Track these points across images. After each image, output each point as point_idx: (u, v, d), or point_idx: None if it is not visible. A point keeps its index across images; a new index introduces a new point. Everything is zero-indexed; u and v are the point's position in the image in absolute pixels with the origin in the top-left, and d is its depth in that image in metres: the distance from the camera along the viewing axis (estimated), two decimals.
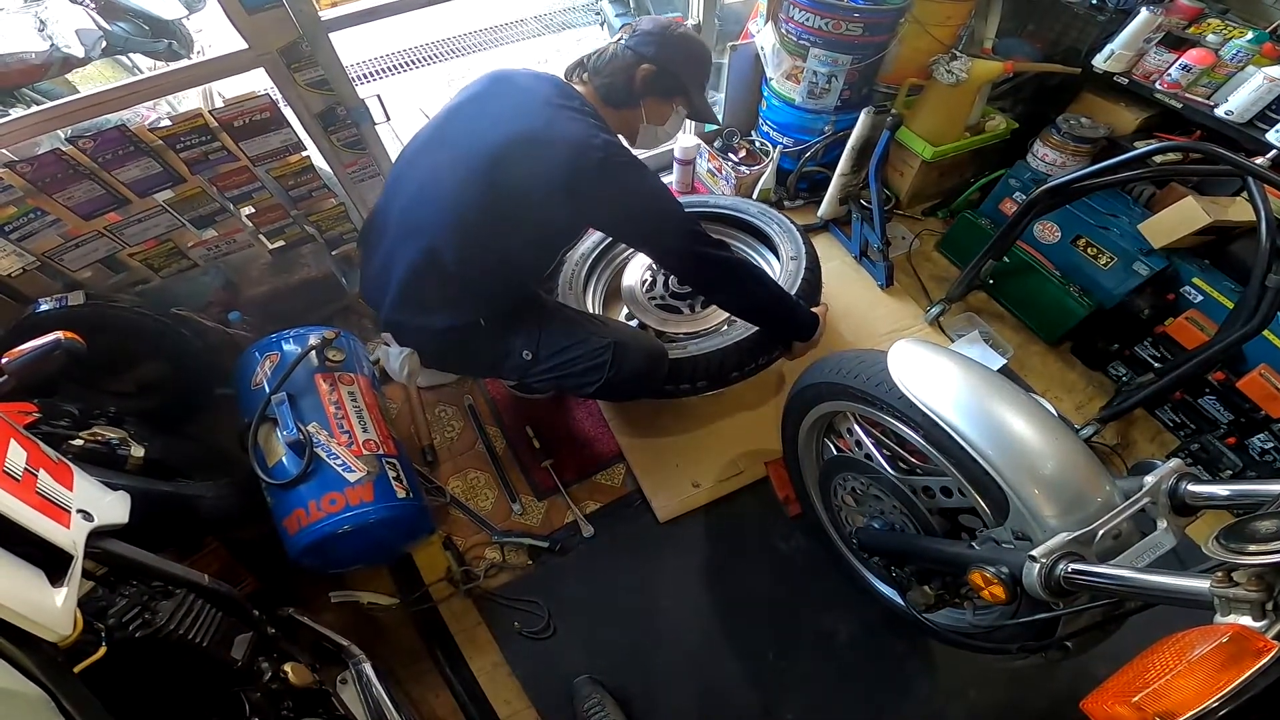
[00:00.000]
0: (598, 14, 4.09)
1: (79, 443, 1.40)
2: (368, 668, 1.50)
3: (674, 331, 2.15)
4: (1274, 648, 0.62)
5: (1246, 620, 0.69)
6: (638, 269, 2.30)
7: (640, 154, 1.87)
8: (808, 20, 2.29)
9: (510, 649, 1.80)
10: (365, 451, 1.66)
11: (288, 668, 1.27)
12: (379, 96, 1.97)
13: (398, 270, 1.64)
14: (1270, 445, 1.91)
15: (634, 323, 2.20)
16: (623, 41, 1.66)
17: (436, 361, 1.86)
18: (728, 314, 2.11)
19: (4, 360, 1.25)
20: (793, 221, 2.28)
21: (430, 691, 1.74)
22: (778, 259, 2.21)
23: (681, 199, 2.23)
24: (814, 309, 1.92)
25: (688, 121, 2.61)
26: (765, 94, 2.75)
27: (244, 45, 1.68)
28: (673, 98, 1.73)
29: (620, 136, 1.67)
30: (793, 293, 2.01)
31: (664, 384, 1.88)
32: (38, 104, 2.09)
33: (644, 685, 1.74)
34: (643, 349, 1.76)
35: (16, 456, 0.97)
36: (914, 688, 1.78)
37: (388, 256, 1.68)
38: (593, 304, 2.26)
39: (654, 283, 2.26)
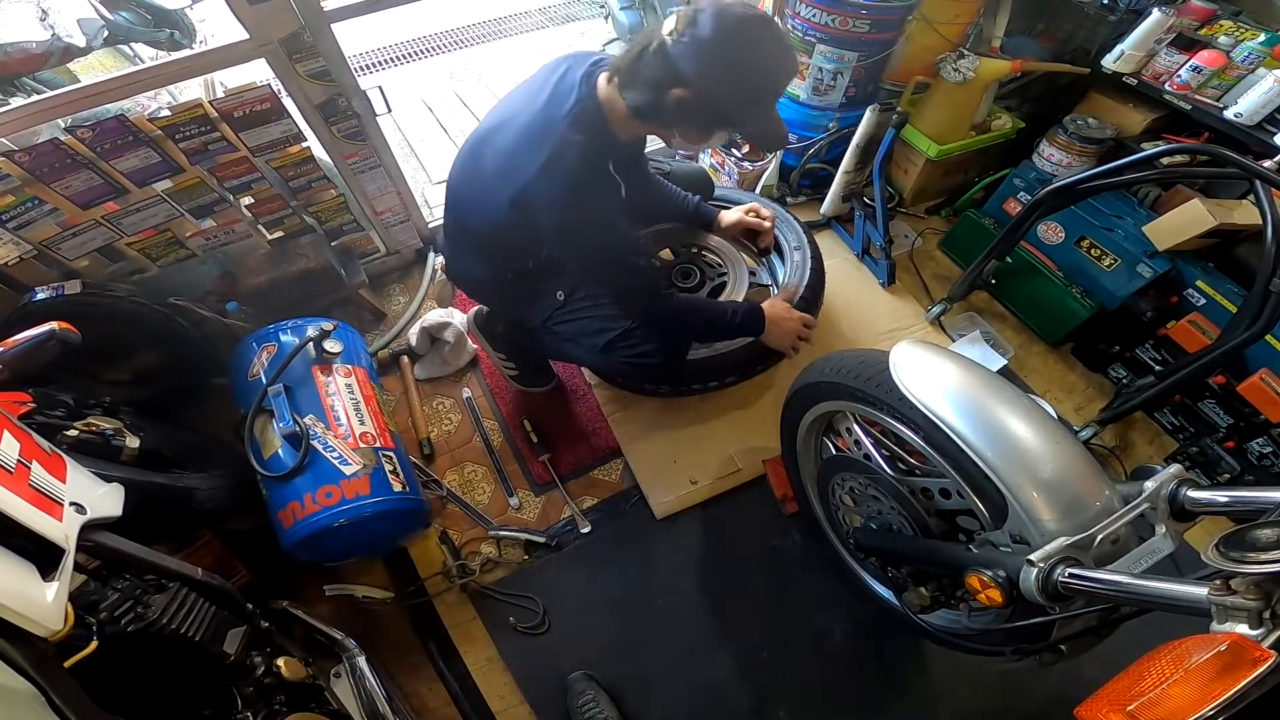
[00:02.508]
0: (602, 6, 4.07)
1: (74, 433, 1.39)
2: (362, 661, 1.50)
3: None
4: (1271, 657, 0.62)
5: (1244, 629, 0.68)
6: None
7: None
8: (814, 16, 2.28)
9: (505, 644, 1.80)
10: (362, 444, 1.65)
11: (281, 661, 1.27)
12: (380, 88, 1.96)
13: (451, 215, 1.79)
14: (1269, 450, 1.90)
15: None
16: (663, 44, 1.33)
17: (468, 293, 2.05)
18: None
19: None
20: (793, 214, 2.28)
21: (424, 685, 1.75)
22: (780, 254, 2.21)
23: None
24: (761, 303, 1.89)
25: None
26: None
27: (245, 36, 1.67)
28: (712, 129, 1.49)
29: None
30: (802, 279, 2.05)
31: (673, 369, 1.89)
32: (38, 93, 2.08)
33: (639, 681, 1.74)
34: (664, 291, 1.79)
35: (9, 448, 0.97)
36: (908, 688, 1.78)
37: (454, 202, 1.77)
38: None
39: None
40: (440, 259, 1.94)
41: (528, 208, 1.48)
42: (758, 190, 2.72)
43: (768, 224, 2.13)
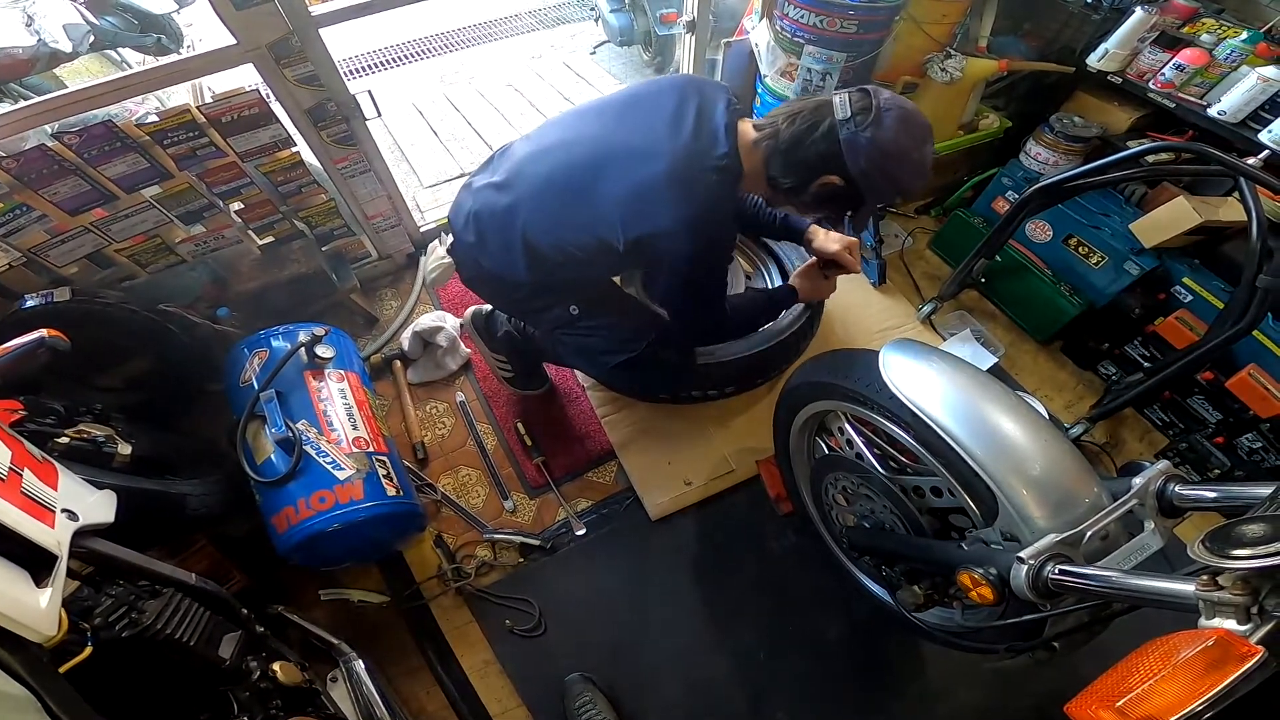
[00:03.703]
0: (592, 9, 4.08)
1: (65, 440, 1.38)
2: (358, 665, 1.50)
3: None
4: (1258, 652, 0.62)
5: (1231, 624, 0.69)
6: None
7: None
8: (802, 17, 2.28)
9: (501, 647, 1.80)
10: (355, 449, 1.65)
11: (276, 666, 1.27)
12: (370, 92, 1.96)
13: (481, 197, 1.62)
14: (1258, 445, 1.92)
15: None
16: (834, 128, 1.32)
17: (471, 285, 1.82)
18: None
19: None
20: None
21: (421, 689, 1.74)
22: (777, 259, 2.22)
23: None
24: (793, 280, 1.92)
25: None
26: (759, 91, 2.74)
27: (233, 41, 1.67)
28: (839, 214, 1.51)
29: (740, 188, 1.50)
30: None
31: (686, 387, 1.88)
32: (24, 99, 2.07)
33: (635, 683, 1.74)
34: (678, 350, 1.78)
35: (1, 456, 0.97)
36: (903, 686, 1.79)
37: (487, 182, 1.63)
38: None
39: None
40: (443, 246, 1.80)
41: (652, 252, 1.44)
42: None
43: (856, 269, 1.96)
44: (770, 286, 2.10)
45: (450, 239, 1.75)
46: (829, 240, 1.88)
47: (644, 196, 1.39)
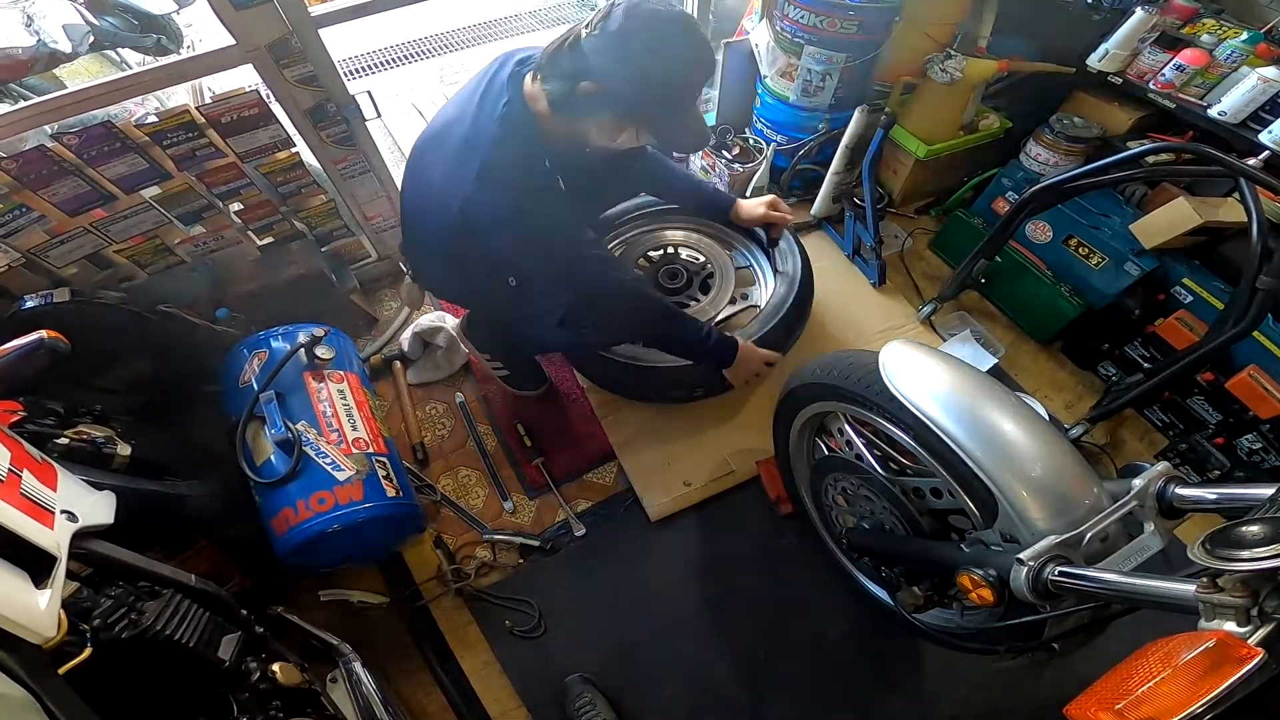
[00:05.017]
0: (592, 10, 4.07)
1: (64, 441, 1.38)
2: (358, 666, 1.50)
3: None
4: (1257, 654, 0.62)
5: (1231, 626, 0.69)
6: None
7: None
8: (802, 18, 2.28)
9: (501, 648, 1.80)
10: (355, 450, 1.65)
11: (276, 667, 1.26)
12: (369, 92, 1.95)
13: (406, 222, 1.79)
14: (1258, 446, 1.92)
15: None
16: (578, 38, 1.35)
17: (437, 294, 2.05)
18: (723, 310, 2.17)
19: None
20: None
21: (421, 690, 1.74)
22: (771, 258, 2.22)
23: None
24: (738, 337, 1.87)
25: None
26: (759, 91, 2.74)
27: (232, 41, 1.66)
28: (623, 125, 1.46)
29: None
30: (793, 285, 2.07)
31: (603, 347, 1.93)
32: (24, 99, 2.07)
33: (635, 684, 1.74)
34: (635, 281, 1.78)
35: (0, 457, 0.97)
36: (904, 687, 1.79)
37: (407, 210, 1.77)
38: None
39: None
40: (409, 275, 1.93)
41: (475, 222, 1.44)
42: (748, 192, 2.73)
43: (789, 217, 2.15)
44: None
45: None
46: (755, 207, 2.08)
47: (452, 165, 1.45)
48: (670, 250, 2.31)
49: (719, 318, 2.16)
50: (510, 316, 1.82)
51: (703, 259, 2.30)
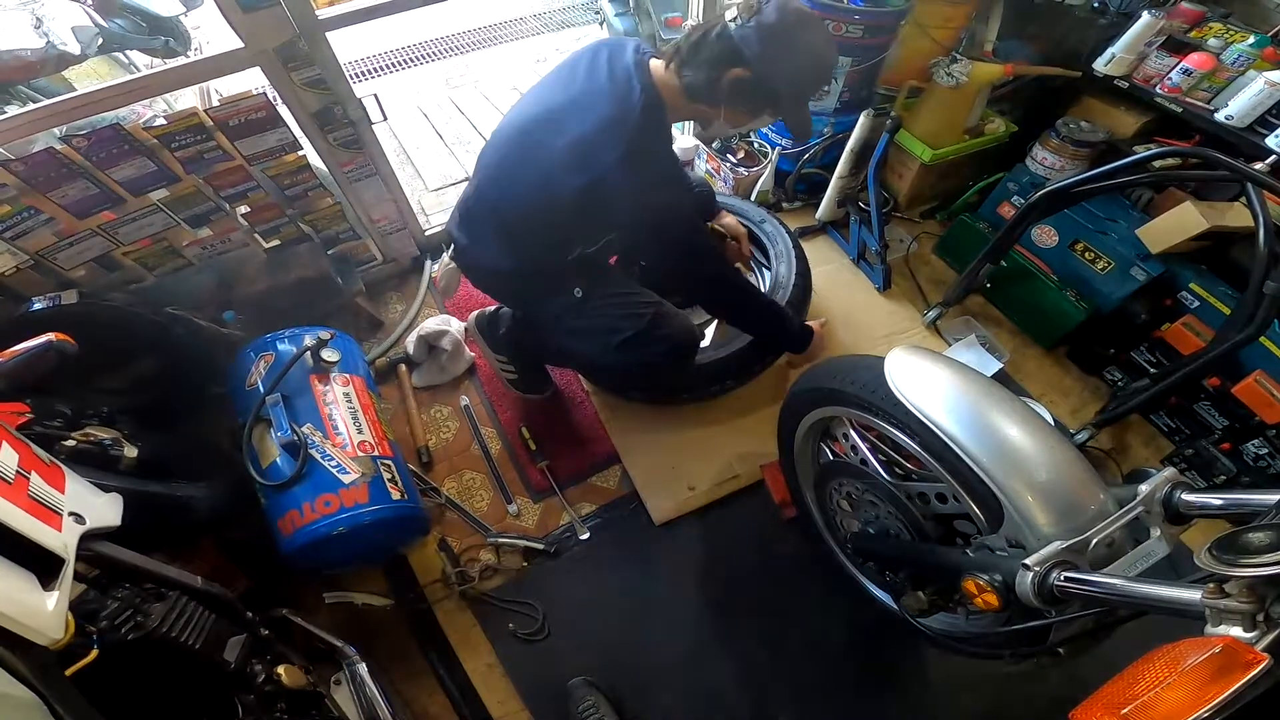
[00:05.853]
0: (597, 12, 4.08)
1: (71, 443, 1.39)
2: (362, 668, 1.50)
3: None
4: (1264, 660, 0.62)
5: (1237, 631, 0.69)
6: None
7: None
8: None
9: (505, 650, 1.80)
10: (360, 453, 1.65)
11: (281, 669, 1.27)
12: (376, 95, 1.96)
13: (462, 200, 1.82)
14: (1264, 451, 1.91)
15: None
16: (726, 28, 1.45)
17: (478, 285, 1.97)
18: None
19: None
20: (780, 220, 2.33)
21: (424, 692, 1.74)
22: (768, 257, 2.23)
23: None
24: (811, 323, 1.98)
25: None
26: None
27: (240, 44, 1.67)
28: (761, 110, 1.57)
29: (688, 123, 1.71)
30: (787, 287, 2.09)
31: (684, 371, 1.93)
32: (33, 101, 2.08)
33: (638, 687, 1.74)
34: (682, 323, 1.80)
35: (8, 459, 0.97)
36: (908, 692, 1.78)
37: (466, 188, 1.83)
38: None
39: None
40: (447, 254, 1.94)
41: (603, 194, 1.50)
42: (753, 196, 2.73)
43: (746, 254, 2.26)
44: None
45: (452, 247, 1.86)
46: (734, 224, 2.22)
47: (583, 143, 1.48)
48: None
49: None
50: (555, 325, 1.83)
51: None
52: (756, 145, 2.83)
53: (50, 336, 1.31)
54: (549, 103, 1.59)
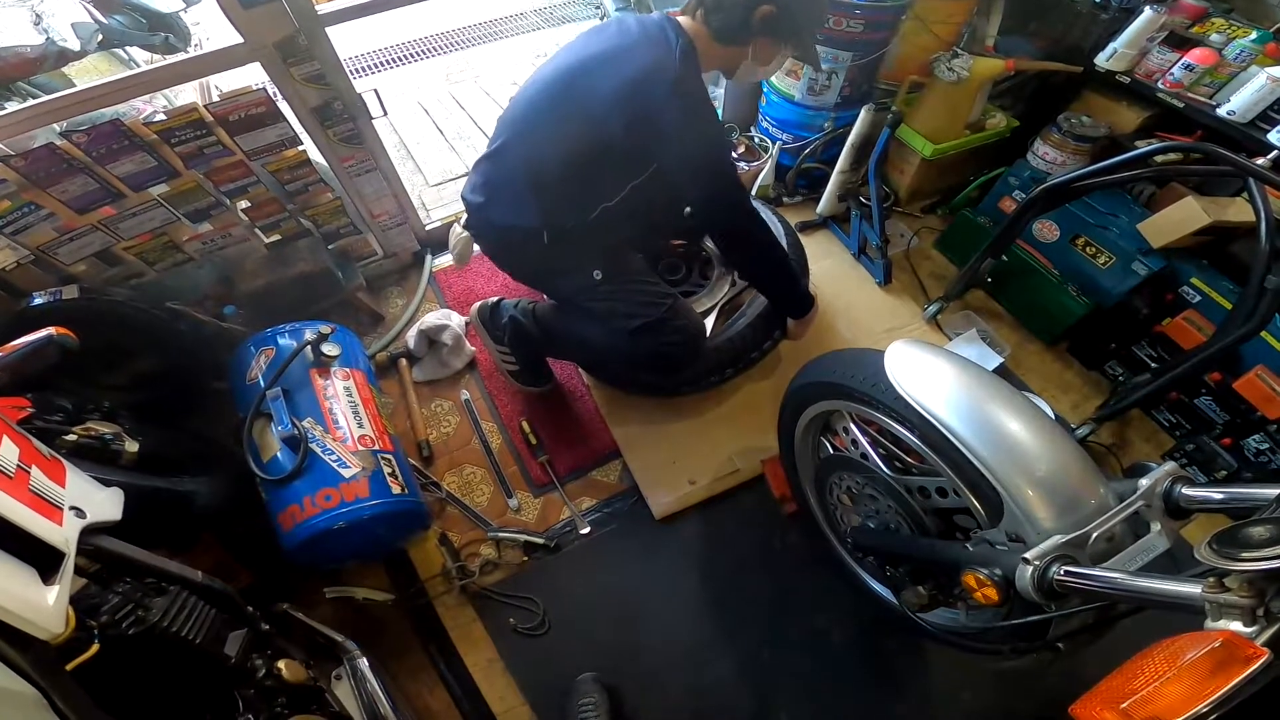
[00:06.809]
0: (597, 8, 4.07)
1: (72, 438, 1.39)
2: (362, 663, 1.50)
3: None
4: (1264, 654, 0.62)
5: (1237, 626, 0.69)
6: None
7: None
8: None
9: (505, 645, 1.80)
10: (361, 447, 1.65)
11: (281, 664, 1.27)
12: (376, 91, 1.96)
13: (480, 165, 1.83)
14: (1265, 446, 1.91)
15: None
16: None
17: (491, 252, 1.96)
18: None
19: None
20: (780, 216, 2.33)
21: (425, 687, 1.75)
22: None
23: None
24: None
25: None
26: (765, 90, 2.74)
27: (240, 39, 1.67)
28: (786, 40, 1.70)
29: (715, 72, 1.78)
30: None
31: (694, 362, 1.96)
32: (33, 97, 2.08)
33: (638, 682, 1.74)
34: (695, 317, 1.90)
35: (9, 453, 0.97)
36: (907, 687, 1.79)
37: (484, 153, 1.83)
38: None
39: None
40: (459, 224, 1.96)
41: (650, 130, 1.58)
42: (754, 191, 2.73)
43: None
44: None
45: (465, 216, 1.90)
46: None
47: (630, 84, 1.56)
48: (683, 248, 2.33)
49: (722, 301, 2.19)
50: (569, 303, 1.91)
51: (695, 248, 2.33)
52: (758, 140, 2.82)
53: (50, 331, 1.30)
54: (584, 55, 1.67)
